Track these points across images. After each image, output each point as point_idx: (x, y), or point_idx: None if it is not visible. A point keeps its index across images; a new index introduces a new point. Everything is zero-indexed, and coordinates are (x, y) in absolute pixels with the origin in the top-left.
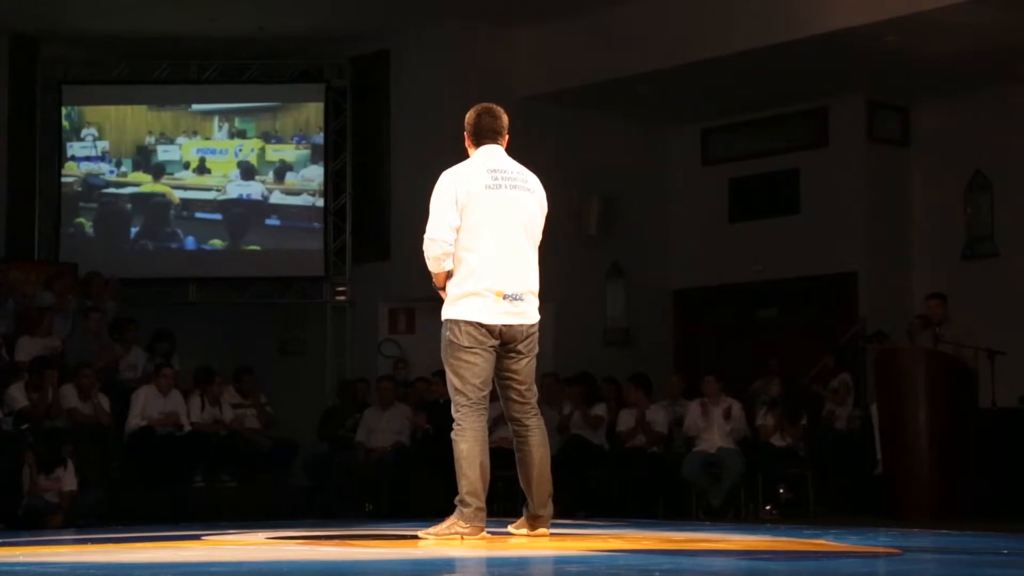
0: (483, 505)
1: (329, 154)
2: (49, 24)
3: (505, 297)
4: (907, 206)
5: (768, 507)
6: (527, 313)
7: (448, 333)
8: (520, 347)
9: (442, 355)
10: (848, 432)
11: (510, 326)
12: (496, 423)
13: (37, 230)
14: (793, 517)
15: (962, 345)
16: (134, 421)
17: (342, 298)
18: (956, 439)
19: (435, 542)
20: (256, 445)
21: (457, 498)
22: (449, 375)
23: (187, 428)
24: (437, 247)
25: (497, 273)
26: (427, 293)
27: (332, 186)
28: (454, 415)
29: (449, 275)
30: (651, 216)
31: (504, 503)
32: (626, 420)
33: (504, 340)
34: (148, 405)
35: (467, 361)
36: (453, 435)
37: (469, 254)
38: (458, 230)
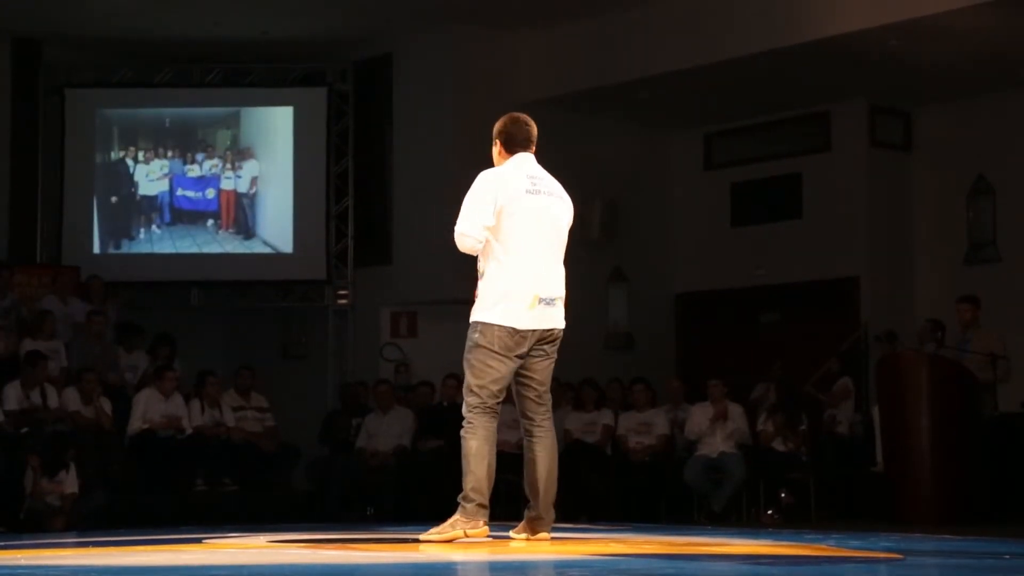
0: (486, 503)
1: (331, 157)
2: (52, 28)
3: (540, 301)
4: (909, 211)
5: (770, 511)
6: (557, 317)
7: (478, 335)
8: (545, 347)
9: (465, 353)
10: (850, 436)
11: (541, 330)
12: (499, 428)
13: (40, 234)
14: (795, 521)
15: (988, 354)
16: (136, 424)
17: (344, 302)
18: (958, 443)
19: (438, 544)
20: (258, 449)
21: (460, 495)
22: (468, 375)
23: (188, 431)
24: (469, 242)
25: (534, 277)
26: (429, 297)
27: (334, 189)
28: (465, 413)
29: (482, 275)
30: (653, 220)
31: (506, 507)
32: (628, 424)
33: (531, 342)
34: (150, 408)
35: (490, 367)
36: (463, 432)
37: (507, 257)
38: (492, 231)
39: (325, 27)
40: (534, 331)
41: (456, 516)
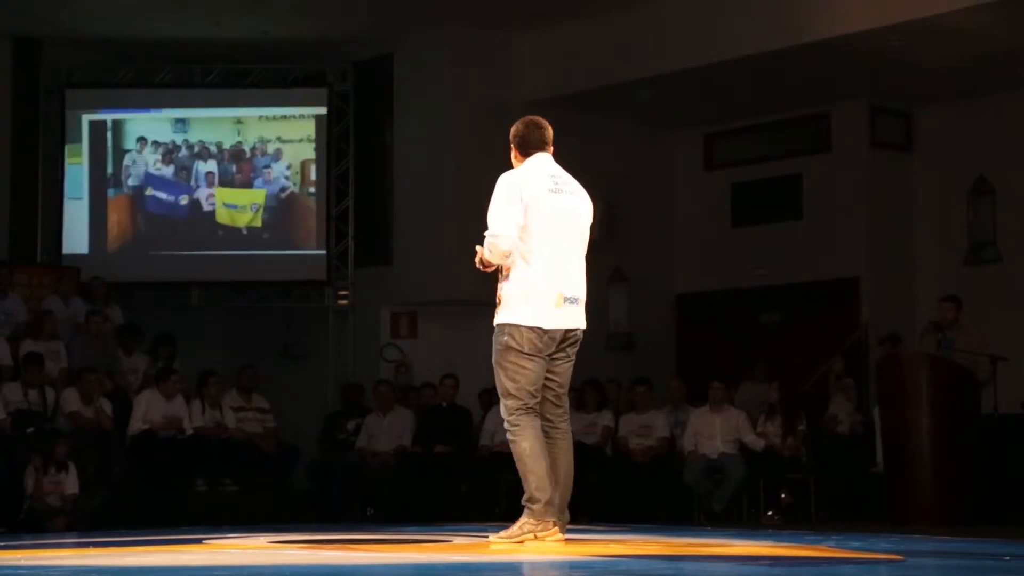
0: (554, 502)
1: (332, 158)
2: (53, 28)
3: (565, 300)
4: (909, 211)
5: (770, 512)
6: (580, 318)
7: (506, 338)
8: (567, 350)
9: (495, 358)
10: (850, 436)
11: (565, 330)
12: (497, 428)
13: (40, 234)
14: (795, 522)
15: (976, 354)
16: (136, 425)
17: (344, 302)
18: (958, 444)
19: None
20: (258, 449)
21: (525, 497)
22: (502, 378)
23: (189, 432)
24: (505, 242)
25: (559, 277)
26: (429, 297)
27: (335, 190)
28: (507, 416)
29: (506, 276)
30: (654, 221)
31: (506, 507)
32: (629, 427)
33: (557, 342)
34: (151, 409)
35: (524, 367)
36: (510, 436)
37: (532, 256)
38: (521, 229)
39: (325, 27)
40: (560, 330)
41: (524, 519)
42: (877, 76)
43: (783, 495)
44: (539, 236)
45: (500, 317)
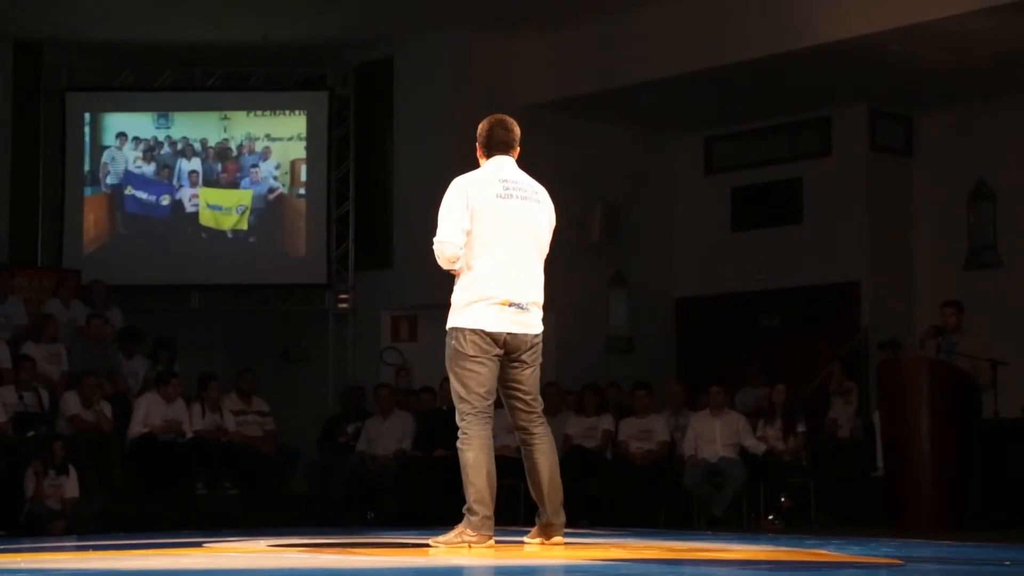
0: (491, 513)
1: (332, 161)
2: (53, 30)
3: (511, 305)
4: (910, 215)
5: (770, 517)
6: (531, 323)
7: (453, 342)
8: (524, 356)
9: (447, 364)
10: (850, 440)
11: (514, 335)
12: (499, 432)
13: (40, 237)
14: (795, 527)
15: (977, 358)
16: (136, 428)
17: (344, 306)
18: (958, 449)
19: (444, 551)
20: (258, 452)
21: (465, 507)
22: (454, 383)
23: (189, 435)
24: (450, 248)
25: (504, 282)
26: (430, 301)
27: (335, 193)
28: (459, 423)
29: (456, 282)
30: (654, 225)
31: (506, 511)
32: (629, 431)
33: (508, 349)
34: (151, 412)
35: (471, 371)
36: (459, 444)
37: (477, 262)
38: (468, 234)
39: (326, 31)
40: (510, 334)
41: (462, 527)
42: (877, 80)
43: (783, 499)
44: (485, 242)
45: (448, 321)
